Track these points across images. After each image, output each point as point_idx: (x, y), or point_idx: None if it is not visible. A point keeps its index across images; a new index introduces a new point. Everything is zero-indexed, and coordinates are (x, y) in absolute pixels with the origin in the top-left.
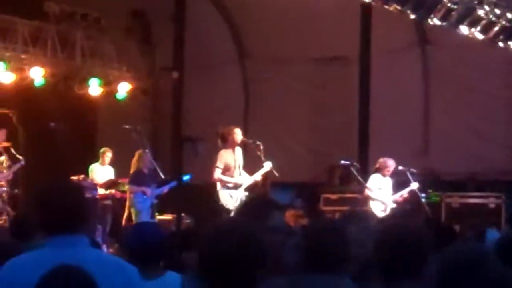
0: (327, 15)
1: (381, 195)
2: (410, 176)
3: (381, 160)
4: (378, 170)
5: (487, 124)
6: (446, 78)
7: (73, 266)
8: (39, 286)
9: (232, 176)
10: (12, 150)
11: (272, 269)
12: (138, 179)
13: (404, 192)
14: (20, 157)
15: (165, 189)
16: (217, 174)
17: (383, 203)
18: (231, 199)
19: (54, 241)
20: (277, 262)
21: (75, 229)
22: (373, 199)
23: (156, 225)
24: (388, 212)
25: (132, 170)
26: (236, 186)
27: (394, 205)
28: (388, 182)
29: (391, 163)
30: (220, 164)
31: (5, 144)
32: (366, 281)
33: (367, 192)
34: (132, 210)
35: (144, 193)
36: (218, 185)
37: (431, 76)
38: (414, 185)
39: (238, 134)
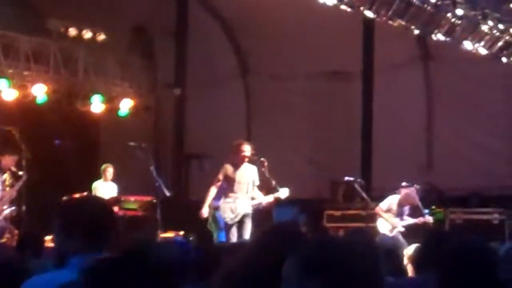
0: (329, 31)
1: (392, 217)
2: (420, 204)
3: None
4: (401, 202)
5: (491, 140)
6: (449, 93)
7: None
8: None
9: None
10: (13, 168)
11: None
12: None
13: (416, 221)
14: (21, 173)
15: None
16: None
17: (393, 224)
18: (231, 214)
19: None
20: None
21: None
22: (382, 217)
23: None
24: (394, 233)
25: None
26: (237, 199)
27: (403, 229)
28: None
29: (413, 195)
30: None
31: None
32: None
33: (377, 210)
34: None
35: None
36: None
37: (434, 91)
38: (429, 219)
39: (246, 150)
